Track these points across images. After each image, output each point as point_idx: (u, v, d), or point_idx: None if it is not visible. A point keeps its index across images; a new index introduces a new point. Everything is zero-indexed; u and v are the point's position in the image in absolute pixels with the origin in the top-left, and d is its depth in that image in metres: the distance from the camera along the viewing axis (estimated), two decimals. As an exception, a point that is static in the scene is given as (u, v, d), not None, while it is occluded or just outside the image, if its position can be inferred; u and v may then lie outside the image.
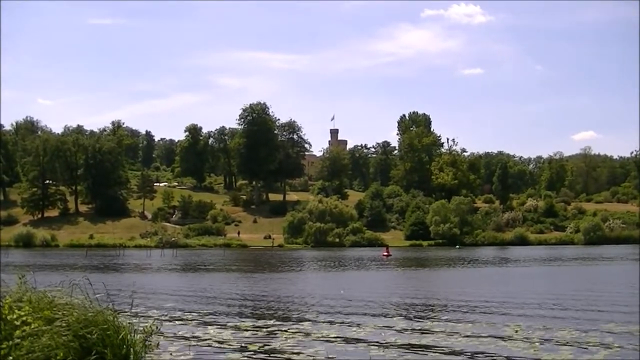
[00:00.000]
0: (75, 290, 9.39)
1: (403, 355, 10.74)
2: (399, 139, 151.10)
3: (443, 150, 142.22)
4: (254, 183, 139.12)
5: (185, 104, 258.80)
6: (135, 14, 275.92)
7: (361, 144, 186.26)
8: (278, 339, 12.59)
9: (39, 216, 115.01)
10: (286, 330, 13.68)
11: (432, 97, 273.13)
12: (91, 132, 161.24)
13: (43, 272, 34.26)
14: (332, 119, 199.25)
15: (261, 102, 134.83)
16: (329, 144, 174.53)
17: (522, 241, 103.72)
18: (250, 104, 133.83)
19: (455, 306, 18.80)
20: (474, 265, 48.64)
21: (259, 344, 11.94)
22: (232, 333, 13.34)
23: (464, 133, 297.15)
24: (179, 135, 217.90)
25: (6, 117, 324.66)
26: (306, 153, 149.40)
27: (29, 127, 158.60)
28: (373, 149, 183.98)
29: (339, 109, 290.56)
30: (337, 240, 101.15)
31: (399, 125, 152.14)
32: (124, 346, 8.53)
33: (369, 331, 13.51)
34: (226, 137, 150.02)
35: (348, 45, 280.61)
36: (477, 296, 22.22)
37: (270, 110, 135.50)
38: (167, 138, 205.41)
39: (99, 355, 8.08)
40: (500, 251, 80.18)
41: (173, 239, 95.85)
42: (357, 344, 11.80)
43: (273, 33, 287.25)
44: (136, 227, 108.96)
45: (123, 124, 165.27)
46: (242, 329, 14.03)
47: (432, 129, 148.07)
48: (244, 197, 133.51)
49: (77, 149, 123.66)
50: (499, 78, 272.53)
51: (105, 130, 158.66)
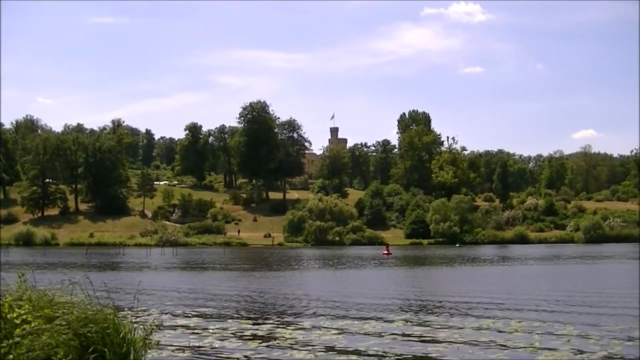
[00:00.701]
0: (75, 289, 9.40)
1: (403, 354, 10.76)
2: (399, 137, 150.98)
3: (443, 149, 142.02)
4: (254, 181, 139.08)
5: (185, 103, 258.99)
6: (136, 13, 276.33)
7: (361, 143, 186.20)
8: (278, 336, 12.61)
9: (39, 215, 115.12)
10: (286, 328, 13.71)
11: (432, 96, 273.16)
12: (91, 130, 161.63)
13: (43, 270, 34.33)
14: (332, 117, 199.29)
15: (261, 100, 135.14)
16: (329, 142, 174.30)
17: (522, 240, 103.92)
18: (250, 102, 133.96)
19: (455, 305, 18.81)
20: (474, 264, 48.63)
21: (258, 341, 11.97)
22: (232, 331, 13.36)
23: (464, 131, 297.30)
24: (179, 133, 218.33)
25: (6, 115, 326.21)
26: (306, 151, 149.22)
27: (29, 126, 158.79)
28: (373, 148, 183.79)
29: (339, 107, 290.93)
30: (337, 238, 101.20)
31: (399, 123, 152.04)
32: (124, 344, 8.54)
33: (369, 329, 13.53)
34: (226, 135, 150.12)
35: (348, 44, 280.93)
36: (477, 295, 22.23)
37: (270, 109, 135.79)
38: (167, 136, 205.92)
39: (99, 353, 8.09)
40: (500, 250, 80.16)
41: (173, 237, 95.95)
42: (357, 343, 11.81)
43: (274, 32, 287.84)
44: (136, 226, 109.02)
45: (123, 122, 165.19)
46: (242, 327, 14.06)
47: (432, 128, 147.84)
48: (244, 195, 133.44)
49: (77, 147, 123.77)
50: (499, 77, 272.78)
51: (105, 129, 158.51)
